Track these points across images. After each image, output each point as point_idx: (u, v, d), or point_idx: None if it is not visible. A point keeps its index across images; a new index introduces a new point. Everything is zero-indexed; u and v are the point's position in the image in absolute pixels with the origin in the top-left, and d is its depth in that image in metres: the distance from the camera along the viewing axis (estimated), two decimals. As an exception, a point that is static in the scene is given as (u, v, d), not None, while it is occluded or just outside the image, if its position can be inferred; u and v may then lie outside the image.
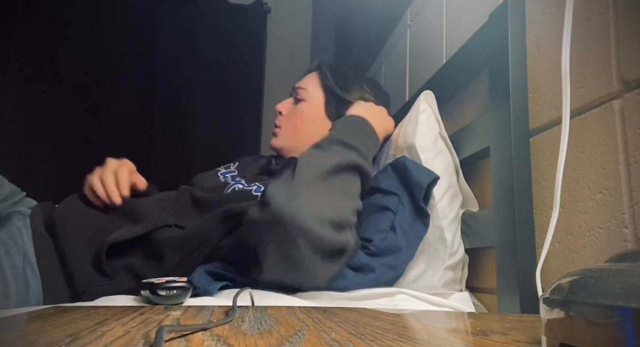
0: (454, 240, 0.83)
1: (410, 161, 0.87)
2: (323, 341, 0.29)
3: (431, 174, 0.84)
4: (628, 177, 0.55)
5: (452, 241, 0.82)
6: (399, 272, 0.80)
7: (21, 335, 0.35)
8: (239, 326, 0.35)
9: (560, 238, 0.65)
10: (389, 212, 0.83)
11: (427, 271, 0.81)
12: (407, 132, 0.92)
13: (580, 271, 0.24)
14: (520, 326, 0.39)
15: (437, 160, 0.89)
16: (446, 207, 0.85)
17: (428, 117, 0.92)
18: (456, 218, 0.86)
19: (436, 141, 0.91)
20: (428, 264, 0.82)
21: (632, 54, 0.55)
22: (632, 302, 0.19)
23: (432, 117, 0.93)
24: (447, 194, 0.86)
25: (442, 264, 0.80)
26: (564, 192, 0.64)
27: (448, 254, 0.81)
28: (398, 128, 0.99)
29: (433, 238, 0.83)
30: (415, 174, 0.84)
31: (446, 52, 1.12)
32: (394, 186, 0.86)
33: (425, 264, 0.82)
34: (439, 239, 0.82)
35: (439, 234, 0.83)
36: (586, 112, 0.62)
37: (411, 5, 1.41)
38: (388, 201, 0.85)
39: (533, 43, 0.76)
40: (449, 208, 0.85)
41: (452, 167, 0.90)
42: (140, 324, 0.40)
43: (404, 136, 0.94)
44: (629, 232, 0.54)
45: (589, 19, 0.62)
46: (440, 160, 0.89)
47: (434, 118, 0.93)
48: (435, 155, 0.89)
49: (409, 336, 0.32)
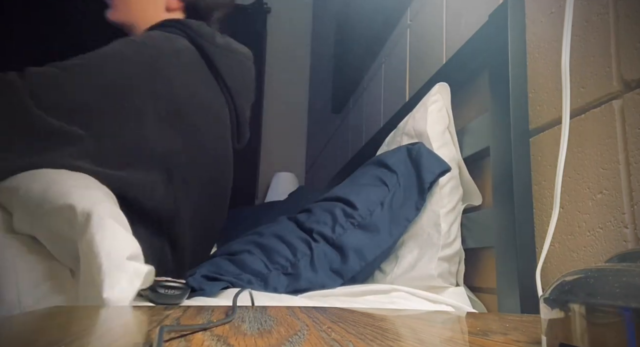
0: (450, 230, 0.83)
1: (426, 149, 0.88)
2: (323, 341, 0.29)
3: (444, 164, 0.85)
4: (628, 177, 0.55)
5: (447, 231, 0.82)
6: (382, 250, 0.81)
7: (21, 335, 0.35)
8: (239, 326, 0.35)
9: (560, 238, 0.65)
10: (385, 187, 0.84)
11: (421, 258, 0.81)
12: (417, 120, 0.94)
13: (580, 271, 0.24)
14: (520, 326, 0.39)
15: (442, 151, 0.89)
16: (445, 198, 0.85)
17: (439, 109, 0.93)
18: (454, 210, 0.86)
19: (444, 133, 0.92)
20: (422, 251, 0.82)
21: (632, 54, 0.55)
22: (632, 302, 0.19)
23: (443, 109, 0.94)
24: (448, 185, 0.87)
25: (436, 251, 0.80)
26: (564, 192, 0.64)
27: (442, 242, 0.81)
28: (407, 116, 1.00)
29: (427, 223, 0.83)
30: (429, 161, 0.85)
31: (446, 52, 1.12)
32: (399, 165, 0.87)
33: (419, 251, 0.82)
34: (433, 225, 0.82)
35: (434, 220, 0.83)
36: (586, 112, 0.62)
37: (411, 5, 1.41)
38: (388, 177, 0.86)
39: (533, 43, 0.76)
40: (447, 199, 0.85)
41: (455, 161, 0.91)
42: (140, 324, 0.40)
43: (413, 123, 0.95)
44: (629, 232, 0.54)
45: (589, 19, 0.62)
46: (445, 151, 0.90)
47: (445, 111, 0.94)
48: (440, 145, 0.90)
49: (409, 336, 0.32)
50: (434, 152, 0.87)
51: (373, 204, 0.82)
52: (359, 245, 0.79)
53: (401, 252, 0.84)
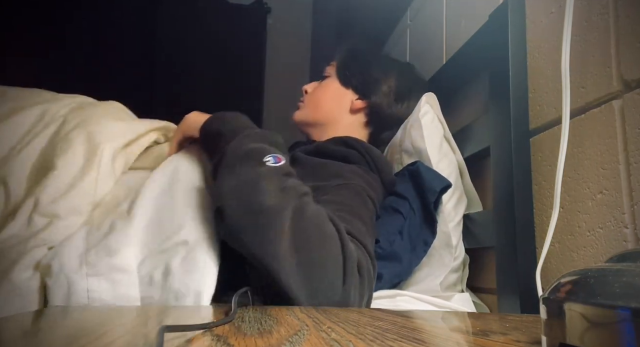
0: (459, 244, 0.83)
1: (425, 167, 0.87)
2: (323, 341, 0.29)
3: (444, 180, 0.84)
4: (628, 177, 0.55)
5: (456, 245, 0.82)
6: (402, 279, 0.81)
7: (21, 335, 0.35)
8: (239, 326, 0.35)
9: (560, 238, 0.65)
10: (400, 215, 0.83)
11: (429, 275, 0.81)
12: (414, 136, 0.92)
13: (580, 271, 0.24)
14: (520, 326, 0.39)
15: (443, 164, 0.88)
16: (452, 211, 0.85)
17: (432, 120, 0.92)
18: (460, 221, 0.86)
19: (441, 144, 0.91)
20: (431, 270, 0.82)
21: (632, 54, 0.55)
22: (632, 302, 0.19)
23: (435, 119, 0.92)
24: (453, 197, 0.86)
25: (445, 270, 0.80)
26: (564, 192, 0.64)
27: (453, 260, 0.81)
28: (401, 130, 0.98)
29: (440, 244, 0.83)
30: (428, 180, 0.84)
31: (446, 52, 1.12)
32: (407, 190, 0.86)
33: (429, 269, 0.82)
34: (446, 246, 0.82)
35: (446, 240, 0.82)
36: (586, 112, 0.62)
37: (411, 5, 1.41)
38: (400, 204, 0.84)
39: (533, 43, 0.76)
40: (454, 212, 0.85)
41: (458, 170, 0.90)
42: (140, 324, 0.40)
43: (410, 140, 0.92)
44: (629, 232, 0.54)
45: (589, 19, 0.62)
46: (446, 163, 0.89)
47: (437, 120, 0.93)
48: (441, 158, 0.89)
49: (409, 336, 0.32)
50: (432, 170, 0.86)
51: (392, 234, 0.81)
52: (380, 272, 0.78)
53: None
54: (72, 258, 0.57)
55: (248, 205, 0.59)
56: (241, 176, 0.62)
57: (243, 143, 0.68)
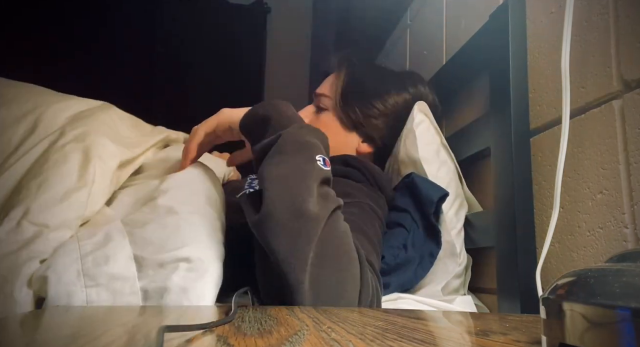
0: (462, 250, 0.83)
1: (419, 178, 0.85)
2: (323, 341, 0.29)
3: (440, 190, 0.83)
4: (628, 177, 0.55)
5: (460, 252, 0.82)
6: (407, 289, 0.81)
7: (21, 335, 0.35)
8: (239, 326, 0.35)
9: (560, 238, 0.65)
10: (403, 229, 0.83)
11: (431, 282, 0.81)
12: (408, 146, 0.90)
13: (580, 271, 0.24)
14: (520, 326, 0.39)
15: (442, 171, 0.87)
16: (454, 218, 0.84)
17: (427, 128, 0.90)
18: (462, 227, 0.86)
19: (439, 152, 0.90)
20: (434, 276, 0.81)
21: (632, 54, 0.55)
22: (632, 302, 0.19)
23: (430, 128, 0.91)
24: (455, 204, 0.86)
25: (448, 277, 0.80)
26: (564, 192, 0.64)
27: (457, 266, 0.81)
28: (397, 141, 0.96)
29: (444, 254, 0.82)
30: (425, 191, 0.83)
31: (446, 52, 1.12)
32: (406, 203, 0.85)
33: (432, 276, 0.82)
34: (451, 255, 0.81)
35: (450, 250, 0.82)
36: (586, 112, 0.62)
37: (411, 5, 1.41)
38: (402, 218, 0.84)
39: (533, 43, 0.76)
40: (456, 219, 0.85)
41: (457, 177, 0.89)
42: (140, 324, 0.40)
43: (405, 150, 0.91)
44: (629, 232, 0.54)
45: (589, 19, 0.62)
46: (445, 170, 0.88)
47: (432, 128, 0.91)
48: (439, 166, 0.88)
49: (409, 336, 0.32)
50: (428, 181, 0.85)
51: (396, 248, 0.81)
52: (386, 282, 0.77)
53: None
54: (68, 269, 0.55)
55: (292, 199, 0.56)
56: (293, 166, 0.59)
57: (300, 133, 0.65)
